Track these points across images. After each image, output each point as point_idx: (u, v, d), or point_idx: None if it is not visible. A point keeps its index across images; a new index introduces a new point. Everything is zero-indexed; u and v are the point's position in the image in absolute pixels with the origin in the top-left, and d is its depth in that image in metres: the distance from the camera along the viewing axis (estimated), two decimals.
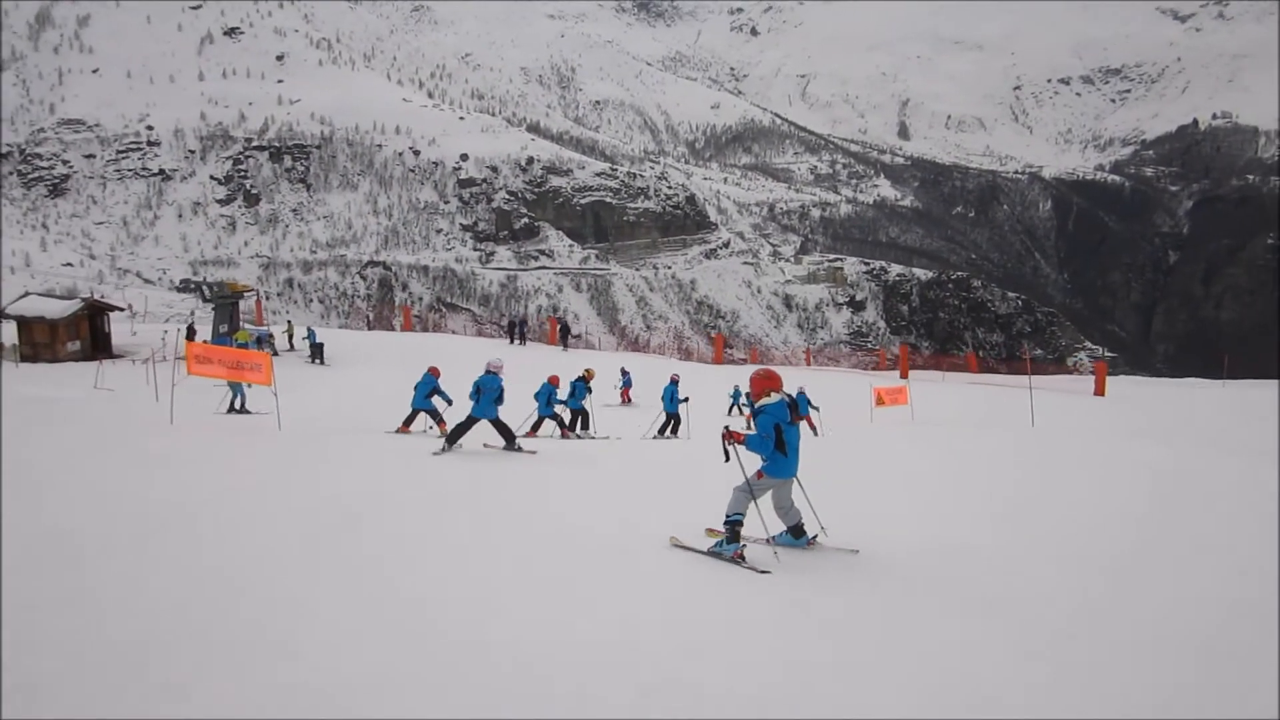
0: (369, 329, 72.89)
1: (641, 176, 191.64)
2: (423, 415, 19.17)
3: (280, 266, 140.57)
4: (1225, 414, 31.65)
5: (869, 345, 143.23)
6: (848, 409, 30.19)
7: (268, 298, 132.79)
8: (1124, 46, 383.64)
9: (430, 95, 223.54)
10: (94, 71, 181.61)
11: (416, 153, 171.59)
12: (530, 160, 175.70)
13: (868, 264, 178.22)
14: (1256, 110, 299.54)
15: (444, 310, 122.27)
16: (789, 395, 8.57)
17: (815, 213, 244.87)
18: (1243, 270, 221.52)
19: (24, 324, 37.15)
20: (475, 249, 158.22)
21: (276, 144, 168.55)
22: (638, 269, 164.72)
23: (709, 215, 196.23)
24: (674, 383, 24.13)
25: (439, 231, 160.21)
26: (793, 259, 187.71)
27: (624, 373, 31.58)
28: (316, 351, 37.80)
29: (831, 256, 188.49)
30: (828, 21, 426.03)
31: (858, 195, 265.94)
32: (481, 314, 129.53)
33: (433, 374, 19.19)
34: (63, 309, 37.72)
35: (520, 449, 15.85)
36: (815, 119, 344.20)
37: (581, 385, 22.65)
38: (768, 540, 8.82)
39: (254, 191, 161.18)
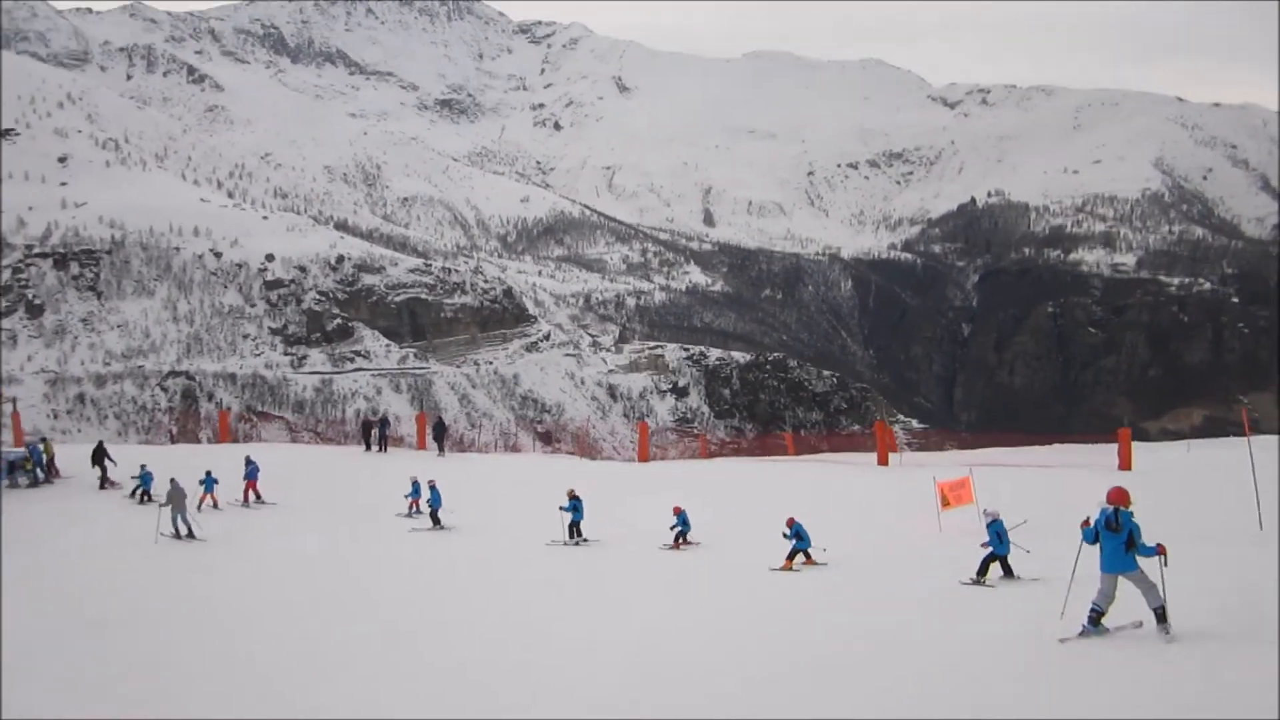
0: (172, 443, 67.54)
1: (456, 271, 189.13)
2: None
3: (70, 382, 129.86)
4: None
5: (695, 430, 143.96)
6: (898, 516, 25.10)
7: (55, 415, 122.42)
8: (903, 132, 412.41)
9: (230, 195, 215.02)
10: None
11: (218, 255, 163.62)
12: (340, 259, 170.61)
13: (687, 350, 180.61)
14: (1024, 187, 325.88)
15: (255, 419, 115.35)
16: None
17: (630, 301, 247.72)
18: (1029, 338, 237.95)
19: None
20: (286, 353, 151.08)
21: (61, 250, 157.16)
22: (458, 366, 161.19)
23: (527, 308, 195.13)
24: (996, 520, 17.61)
25: (246, 337, 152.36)
26: (613, 348, 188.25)
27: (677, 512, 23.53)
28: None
29: (651, 344, 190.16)
30: (627, 116, 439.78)
31: (670, 283, 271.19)
32: (296, 421, 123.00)
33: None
34: None
35: None
36: (623, 209, 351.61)
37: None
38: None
39: (37, 302, 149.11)
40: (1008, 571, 17.32)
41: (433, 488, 26.40)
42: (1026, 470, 32.85)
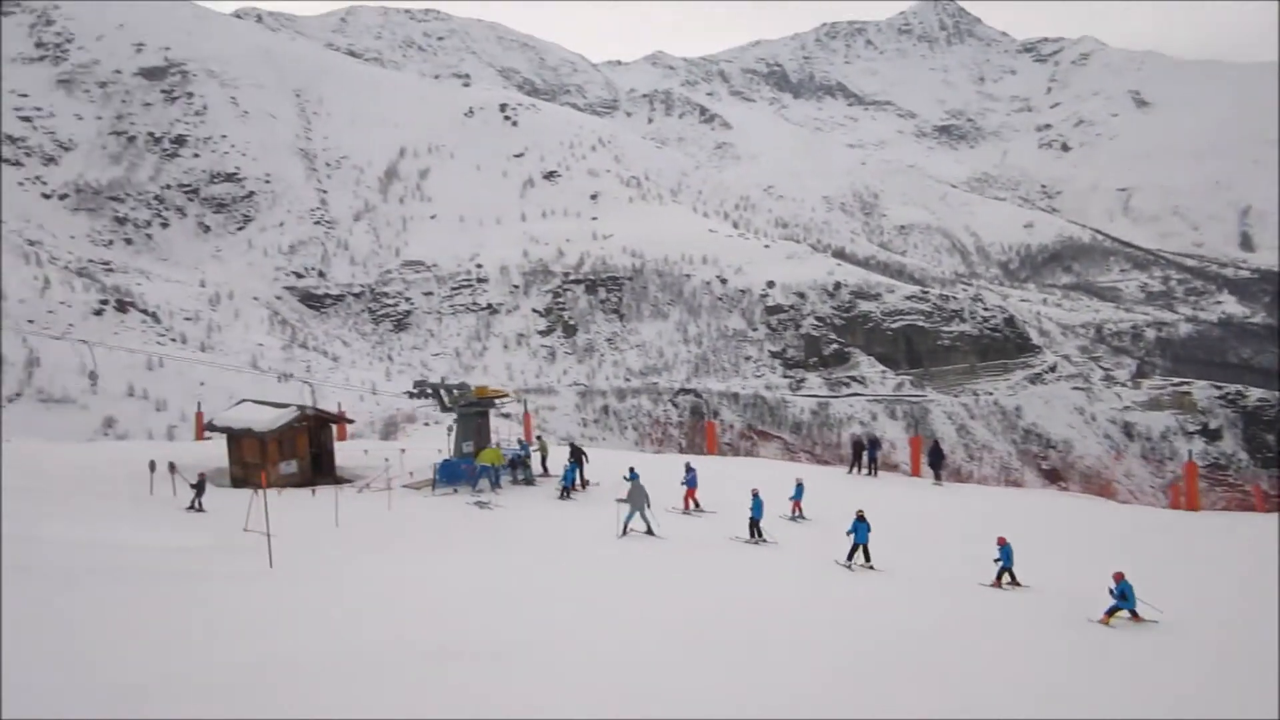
0: (680, 453, 71.23)
1: (954, 299, 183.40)
2: None
3: (596, 394, 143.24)
4: None
5: (1230, 479, 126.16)
6: None
7: (584, 423, 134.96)
8: None
9: (735, 225, 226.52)
10: (432, 218, 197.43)
11: (723, 281, 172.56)
12: (837, 285, 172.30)
13: (1220, 388, 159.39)
14: None
15: (755, 437, 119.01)
16: None
17: (1150, 333, 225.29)
18: None
19: (233, 438, 31.62)
20: (785, 376, 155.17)
21: (591, 277, 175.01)
22: (956, 395, 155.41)
23: (1030, 338, 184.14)
24: None
25: (748, 359, 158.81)
26: (1130, 383, 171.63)
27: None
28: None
29: (1175, 380, 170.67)
30: (1146, 132, 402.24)
31: (1198, 313, 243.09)
32: (794, 441, 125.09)
33: None
34: (272, 419, 31.43)
35: None
36: (1141, 234, 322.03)
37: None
38: None
39: (571, 322, 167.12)
40: None
41: (755, 496, 25.25)
42: None
